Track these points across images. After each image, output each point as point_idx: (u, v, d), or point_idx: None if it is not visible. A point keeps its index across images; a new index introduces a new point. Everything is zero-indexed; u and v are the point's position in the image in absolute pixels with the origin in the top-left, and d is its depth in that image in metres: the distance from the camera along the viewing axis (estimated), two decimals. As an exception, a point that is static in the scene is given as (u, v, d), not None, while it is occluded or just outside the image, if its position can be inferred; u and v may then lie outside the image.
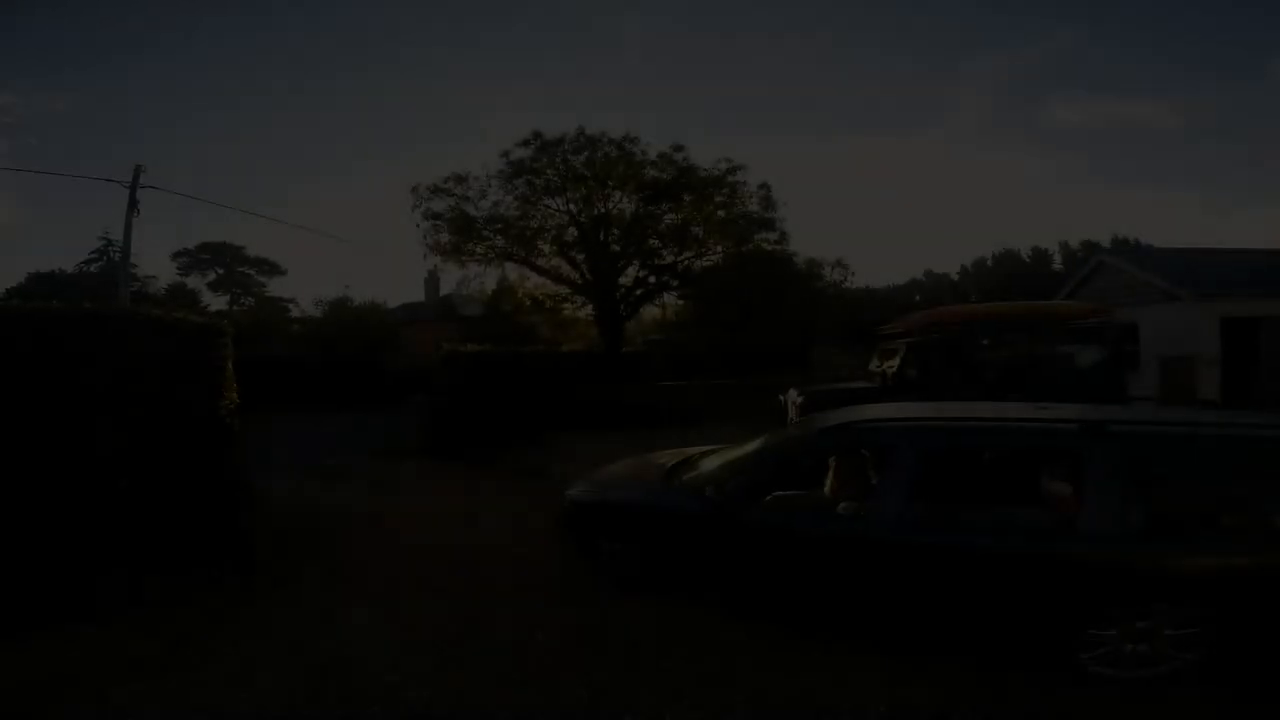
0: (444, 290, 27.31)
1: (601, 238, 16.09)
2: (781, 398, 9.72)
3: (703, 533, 3.92)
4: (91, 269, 31.86)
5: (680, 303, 22.34)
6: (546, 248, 16.39)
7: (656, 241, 16.42)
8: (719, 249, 16.85)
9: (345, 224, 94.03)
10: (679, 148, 15.56)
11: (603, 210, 15.80)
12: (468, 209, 15.27)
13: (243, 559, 5.23)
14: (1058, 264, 34.68)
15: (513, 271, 17.79)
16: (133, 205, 12.26)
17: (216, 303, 34.58)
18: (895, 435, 3.75)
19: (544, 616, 4.08)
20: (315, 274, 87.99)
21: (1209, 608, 2.95)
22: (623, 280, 17.22)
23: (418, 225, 15.28)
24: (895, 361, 8.87)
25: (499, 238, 15.64)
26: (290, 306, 31.17)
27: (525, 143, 14.80)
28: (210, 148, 73.14)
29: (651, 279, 17.21)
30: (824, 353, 22.02)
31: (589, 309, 17.65)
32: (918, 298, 31.53)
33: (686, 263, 17.00)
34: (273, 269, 38.14)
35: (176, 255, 36.60)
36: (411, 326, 25.07)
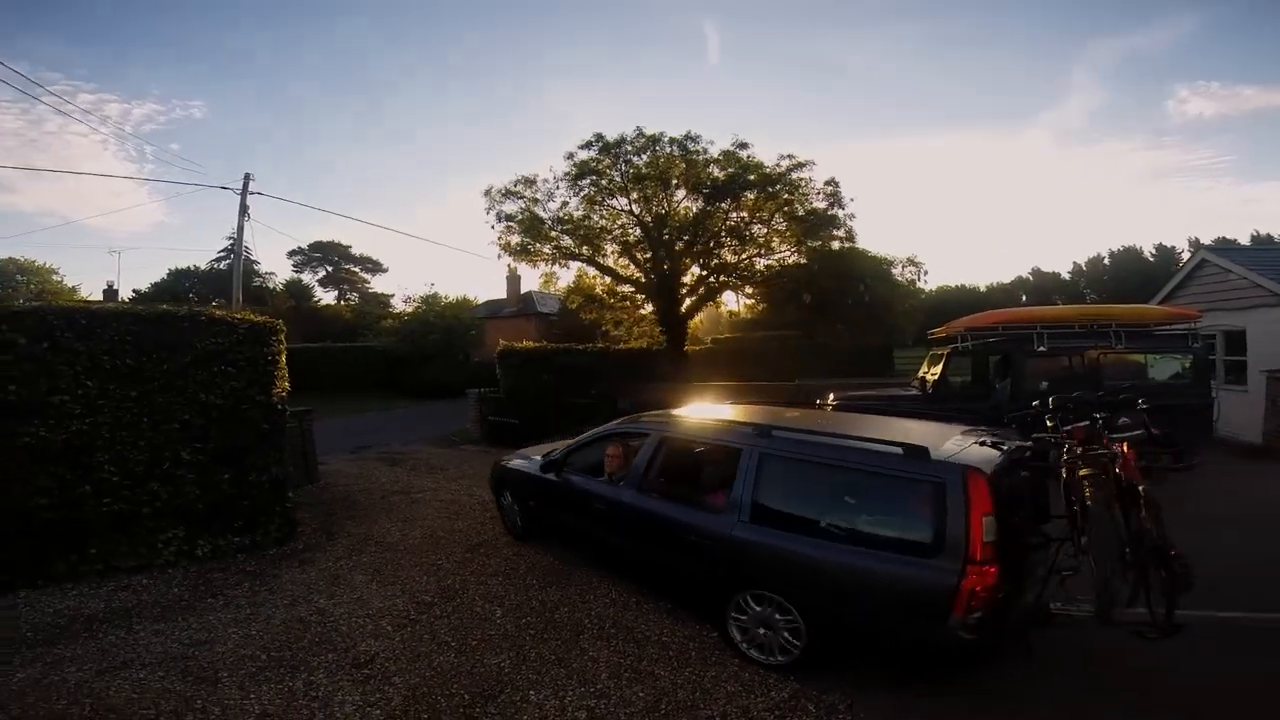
0: (525, 288, 28.74)
1: (664, 236, 16.24)
2: (819, 402, 9.50)
3: (540, 487, 5.37)
4: (221, 265, 36.33)
5: (749, 302, 22.09)
6: (610, 247, 16.79)
7: (718, 240, 16.33)
8: (783, 247, 16.46)
9: (444, 224, 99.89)
10: (743, 145, 15.37)
11: (664, 209, 15.95)
12: (537, 210, 15.99)
13: (284, 527, 6.03)
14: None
15: (579, 270, 18.40)
16: (243, 210, 14.08)
17: (326, 297, 38.59)
18: (644, 431, 4.72)
19: (502, 591, 4.47)
20: (415, 271, 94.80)
21: (802, 602, 3.34)
22: (686, 279, 17.30)
23: (492, 227, 16.23)
24: (939, 368, 8.38)
25: (565, 237, 16.24)
26: (390, 302, 34.10)
27: (587, 144, 15.26)
28: (322, 153, 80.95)
29: (712, 278, 17.14)
30: (910, 354, 20.84)
31: (651, 307, 17.88)
32: (1024, 297, 28.89)
33: (749, 261, 16.77)
34: (375, 266, 41.80)
35: (291, 254, 40.90)
36: (494, 322, 26.59)
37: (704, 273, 17.16)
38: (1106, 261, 32.37)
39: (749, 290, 18.23)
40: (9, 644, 3.55)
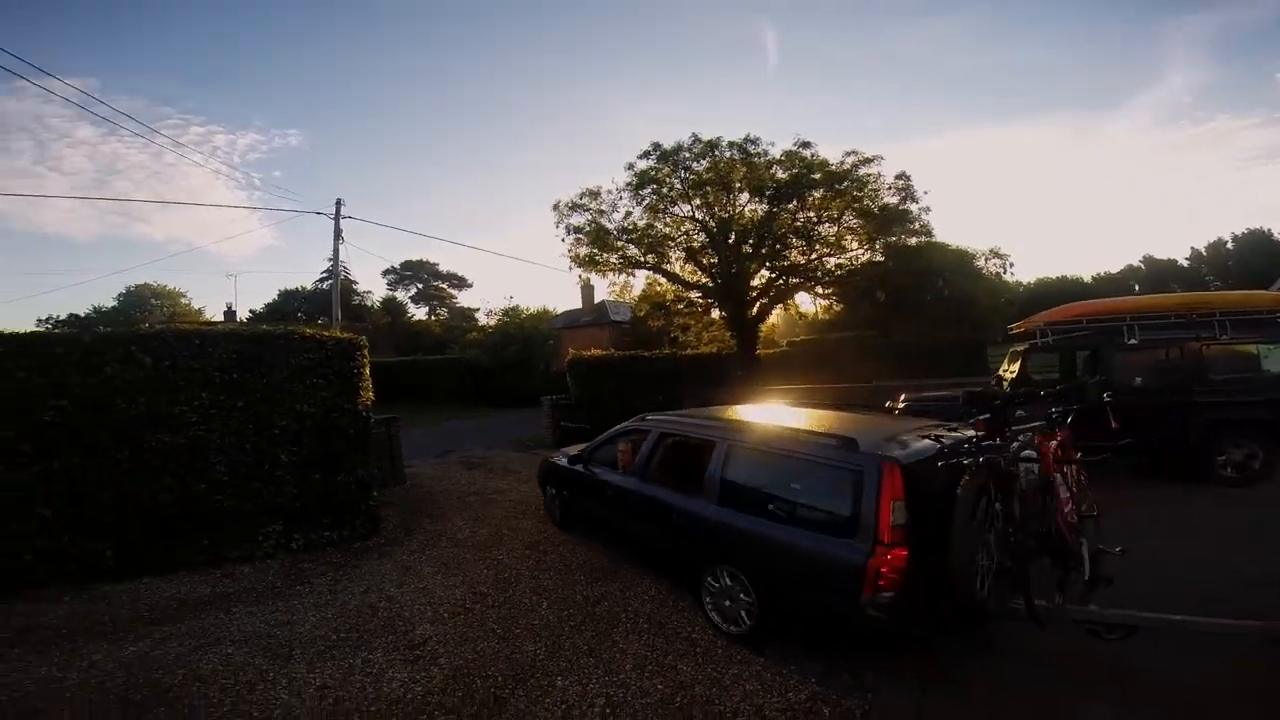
0: (599, 298, 29.45)
1: (729, 240, 16.20)
2: (888, 404, 9.17)
3: (571, 479, 6.20)
4: (324, 286, 39.76)
5: (824, 303, 21.46)
6: (675, 254, 16.95)
7: (785, 241, 16.05)
8: (854, 245, 15.92)
9: (526, 237, 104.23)
10: (805, 144, 15.07)
11: (727, 213, 15.91)
12: (603, 221, 16.45)
13: (368, 523, 6.63)
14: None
15: (649, 278, 18.67)
16: (338, 234, 15.56)
17: (419, 313, 41.41)
18: (647, 429, 5.37)
19: (551, 585, 4.72)
20: (499, 284, 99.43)
21: (755, 577, 3.78)
22: (754, 282, 17.12)
23: (562, 240, 16.88)
24: (1018, 366, 7.82)
25: (631, 246, 16.58)
26: (475, 316, 36.06)
27: (646, 154, 15.53)
28: (408, 174, 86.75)
29: (781, 280, 16.85)
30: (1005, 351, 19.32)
31: (719, 312, 17.84)
32: (1136, 287, 26.09)
33: (818, 261, 16.35)
34: (461, 282, 44.36)
35: (385, 272, 44.35)
36: (571, 331, 27.45)
37: (773, 275, 16.91)
38: (1230, 245, 28.55)
39: (821, 291, 17.74)
40: (128, 623, 4.20)
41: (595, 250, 16.49)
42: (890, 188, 14.71)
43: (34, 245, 72.31)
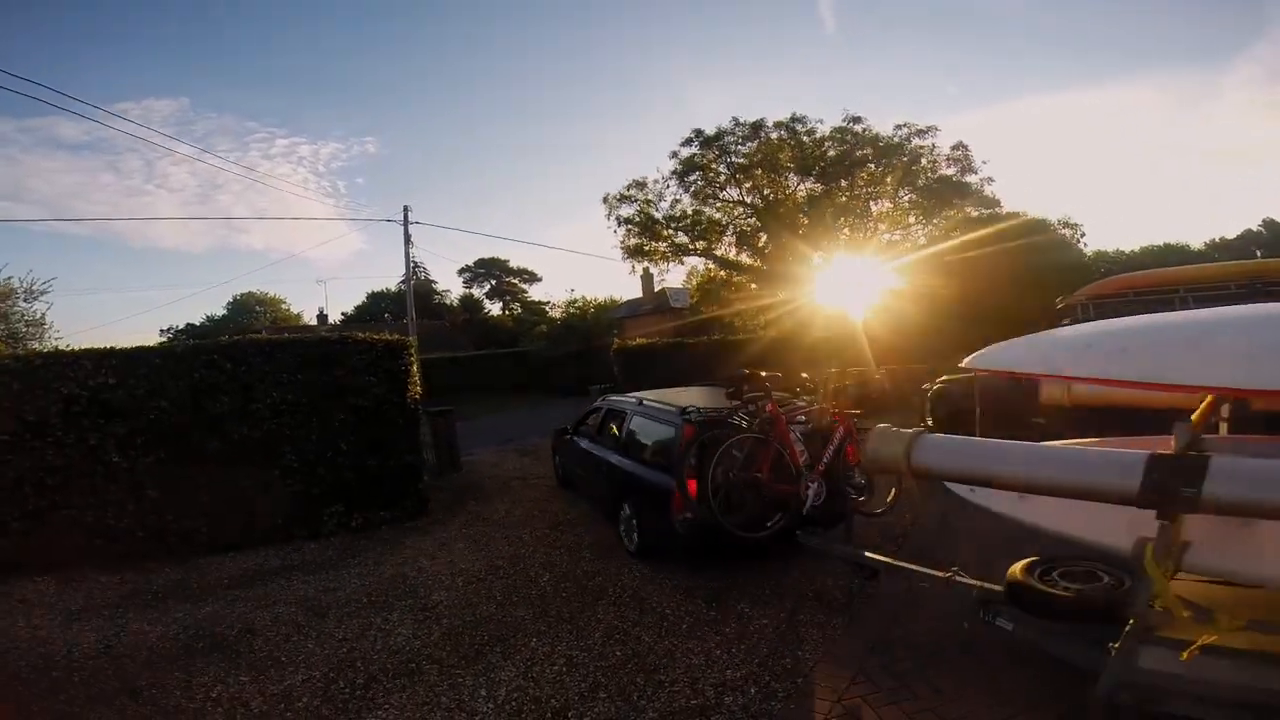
0: (659, 286, 29.74)
1: (781, 222, 16.02)
2: (926, 386, 8.99)
3: (563, 445, 7.77)
4: (404, 287, 42.37)
5: (888, 279, 20.65)
6: (726, 238, 16.98)
7: (839, 218, 15.67)
8: (911, 218, 15.30)
9: (590, 229, 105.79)
10: (855, 119, 14.62)
11: (776, 195, 15.74)
12: (651, 211, 16.77)
13: (417, 505, 7.41)
14: None
15: (706, 265, 18.78)
16: (407, 239, 16.87)
17: (494, 309, 43.45)
18: (600, 406, 6.85)
19: (558, 561, 5.21)
20: (568, 277, 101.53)
21: (642, 510, 5.19)
22: (809, 262, 16.84)
23: (614, 231, 17.38)
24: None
25: (680, 234, 16.80)
26: (544, 309, 37.43)
27: (688, 141, 15.66)
28: (477, 172, 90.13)
29: (837, 258, 16.47)
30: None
31: (773, 293, 17.69)
32: (1258, 252, 23.06)
33: (874, 237, 15.84)
34: (531, 277, 46.01)
35: (461, 271, 46.61)
36: (633, 320, 27.98)
37: (827, 253, 16.57)
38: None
39: (878, 266, 17.17)
40: (210, 588, 5.10)
41: (644, 240, 16.84)
42: (947, 159, 14.00)
43: (154, 259, 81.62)
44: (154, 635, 4.17)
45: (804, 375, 5.73)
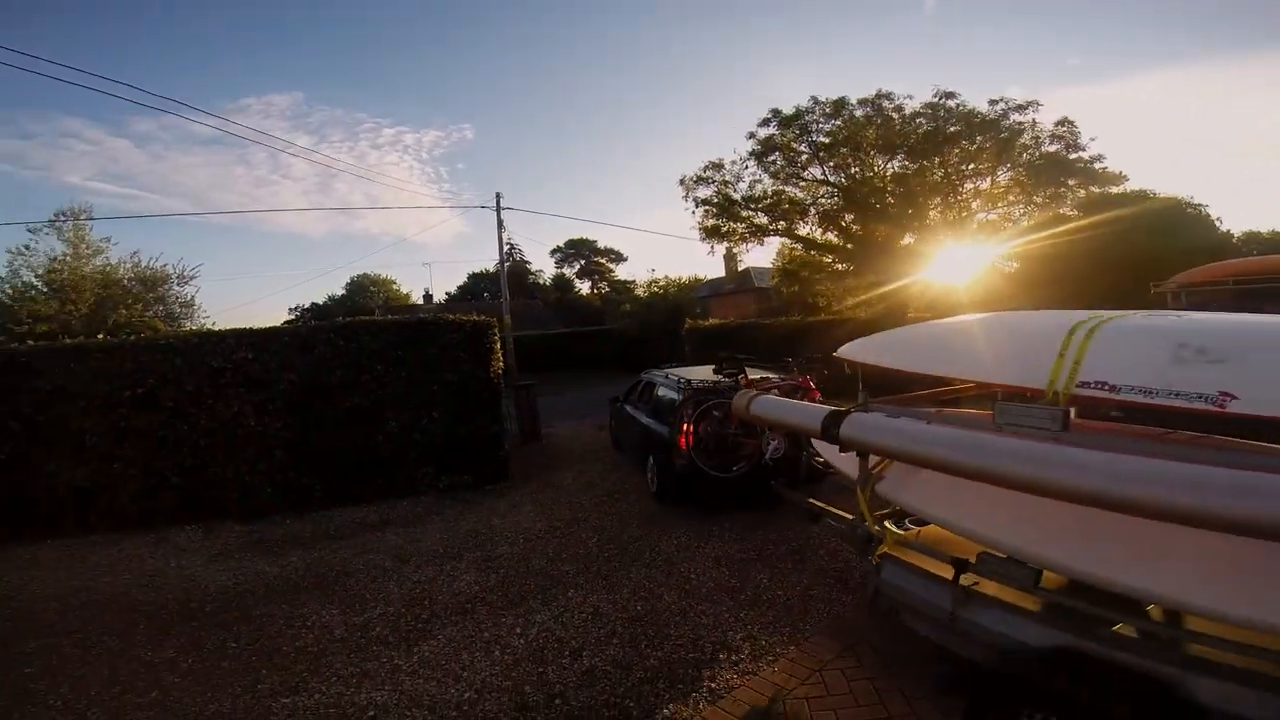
0: (744, 265, 29.42)
1: (869, 202, 15.46)
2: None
3: (614, 411, 9.42)
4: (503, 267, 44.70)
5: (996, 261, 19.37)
6: (808, 218, 16.62)
7: (930, 196, 14.88)
8: (1011, 196, 14.22)
9: (672, 213, 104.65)
10: (948, 94, 13.70)
11: (863, 174, 15.17)
12: (729, 192, 16.72)
13: (497, 470, 8.28)
14: None
15: (787, 245, 18.51)
16: (500, 224, 18.01)
17: (584, 288, 44.85)
18: (640, 379, 8.15)
19: (608, 525, 5.78)
20: (653, 256, 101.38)
21: (658, 458, 6.52)
22: (901, 241, 16.15)
23: (692, 212, 17.50)
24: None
25: (759, 214, 16.65)
26: (629, 288, 38.17)
27: (765, 121, 15.35)
28: (563, 154, 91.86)
29: (929, 238, 15.66)
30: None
31: (861, 274, 17.15)
32: None
33: (969, 216, 14.90)
34: (618, 257, 46.96)
35: (553, 252, 48.45)
36: (716, 300, 28.01)
37: (918, 233, 15.78)
38: None
39: (976, 246, 16.11)
40: (320, 537, 6.14)
41: (721, 220, 16.85)
42: (1050, 136, 12.83)
43: (283, 244, 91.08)
44: (271, 574, 5.19)
45: (787, 358, 7.31)
